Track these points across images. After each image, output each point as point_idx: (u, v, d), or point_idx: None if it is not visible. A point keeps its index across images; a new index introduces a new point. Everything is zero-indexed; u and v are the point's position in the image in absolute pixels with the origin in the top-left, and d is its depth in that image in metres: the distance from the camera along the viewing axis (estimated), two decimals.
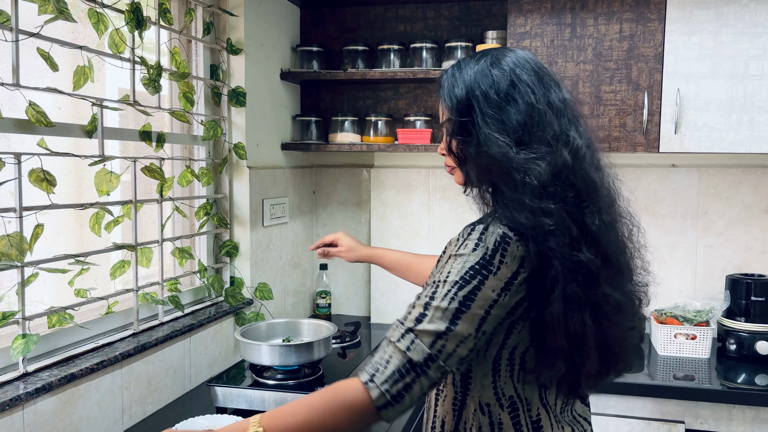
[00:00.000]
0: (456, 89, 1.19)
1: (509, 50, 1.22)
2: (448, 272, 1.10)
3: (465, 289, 1.08)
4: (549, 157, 1.10)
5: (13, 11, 1.40)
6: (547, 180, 1.09)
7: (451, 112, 1.21)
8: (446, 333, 1.07)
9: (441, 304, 1.08)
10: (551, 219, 1.07)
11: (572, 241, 1.09)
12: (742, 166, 2.51)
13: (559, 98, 1.17)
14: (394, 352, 1.08)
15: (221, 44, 2.23)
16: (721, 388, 2.04)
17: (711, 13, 2.16)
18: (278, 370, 1.82)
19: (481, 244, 1.10)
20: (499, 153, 1.12)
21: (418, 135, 2.51)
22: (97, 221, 1.65)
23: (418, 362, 1.06)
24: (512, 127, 1.13)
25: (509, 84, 1.15)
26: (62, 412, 1.50)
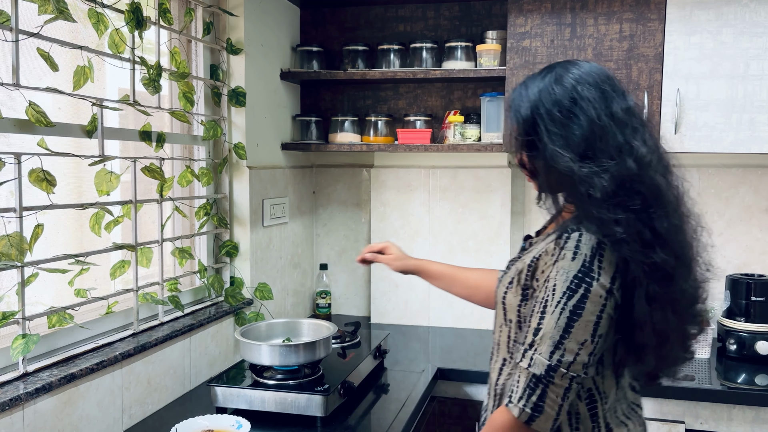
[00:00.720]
0: (522, 108, 1.27)
1: (574, 64, 1.27)
2: (553, 285, 1.18)
3: (573, 299, 1.16)
4: (613, 169, 1.16)
5: (13, 11, 1.40)
6: (611, 192, 1.15)
7: (519, 130, 1.29)
8: (561, 342, 1.16)
9: (553, 317, 1.17)
10: (621, 227, 1.15)
11: (645, 245, 1.15)
12: (742, 166, 2.51)
13: (622, 108, 1.22)
14: (520, 372, 1.19)
15: (221, 44, 2.23)
16: (721, 388, 2.04)
17: (711, 13, 2.16)
18: (278, 370, 1.82)
19: (579, 252, 1.17)
20: (564, 167, 1.19)
21: (418, 135, 2.51)
22: (97, 221, 1.65)
23: (541, 375, 1.16)
24: (576, 142, 1.19)
25: (571, 101, 1.21)
26: (62, 412, 1.50)
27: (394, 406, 1.88)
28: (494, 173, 2.66)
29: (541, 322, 1.18)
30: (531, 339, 1.19)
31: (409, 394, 1.97)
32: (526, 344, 1.20)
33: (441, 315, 2.77)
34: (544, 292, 1.20)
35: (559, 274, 1.17)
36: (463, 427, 2.21)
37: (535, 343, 1.18)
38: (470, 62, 2.49)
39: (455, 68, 2.45)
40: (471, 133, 2.49)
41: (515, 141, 1.32)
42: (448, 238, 2.73)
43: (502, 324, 1.36)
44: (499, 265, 2.65)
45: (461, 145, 2.46)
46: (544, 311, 1.18)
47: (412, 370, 2.20)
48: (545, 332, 1.17)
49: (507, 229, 2.67)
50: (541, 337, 1.17)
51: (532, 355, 1.17)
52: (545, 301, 1.19)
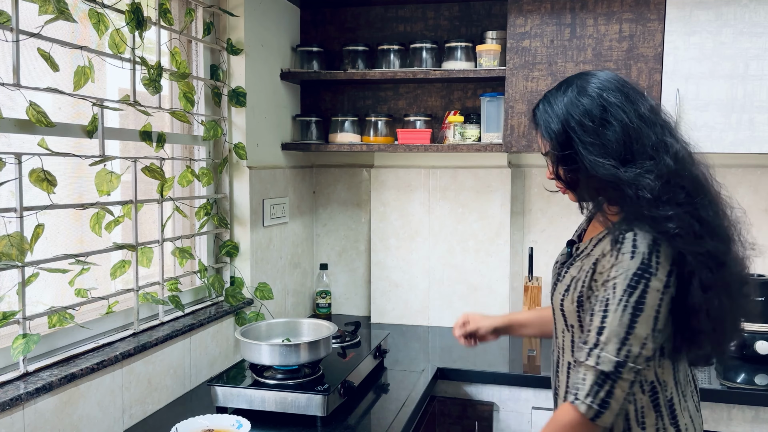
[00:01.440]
0: (552, 124, 1.30)
1: (591, 74, 1.31)
2: (613, 285, 1.22)
3: (634, 295, 1.20)
4: (655, 169, 1.21)
5: (13, 11, 1.40)
6: (659, 190, 1.20)
7: (553, 146, 1.31)
8: (627, 338, 1.20)
9: (616, 315, 1.21)
10: (674, 223, 1.20)
11: (696, 236, 1.21)
12: (742, 166, 2.51)
13: (647, 108, 1.27)
14: (586, 370, 1.23)
15: (221, 44, 2.23)
16: (721, 388, 2.04)
17: (711, 13, 2.16)
18: (278, 369, 1.82)
19: (637, 251, 1.21)
20: (608, 174, 1.23)
21: (418, 135, 2.51)
22: (98, 221, 1.65)
23: (610, 372, 1.20)
24: (613, 148, 1.23)
25: (600, 109, 1.25)
26: (62, 412, 1.50)
27: (394, 406, 1.88)
28: (494, 173, 2.67)
29: (605, 320, 1.22)
30: (595, 338, 1.22)
31: (409, 394, 1.98)
32: (590, 343, 1.23)
33: (441, 315, 2.77)
34: (604, 292, 1.23)
35: (618, 273, 1.21)
36: (463, 427, 2.21)
37: (600, 342, 1.21)
38: (470, 62, 2.49)
39: (455, 68, 2.45)
40: (471, 133, 2.50)
41: (550, 157, 1.33)
42: (448, 238, 2.73)
43: (564, 330, 1.38)
44: (499, 265, 2.67)
45: (461, 145, 2.46)
46: (606, 310, 1.22)
47: (412, 370, 2.20)
48: (610, 330, 1.21)
49: (507, 229, 2.67)
50: (607, 335, 1.21)
51: (599, 353, 1.21)
52: (606, 300, 1.22)
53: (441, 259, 2.75)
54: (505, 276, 2.70)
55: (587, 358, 1.23)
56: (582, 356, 1.24)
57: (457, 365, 2.26)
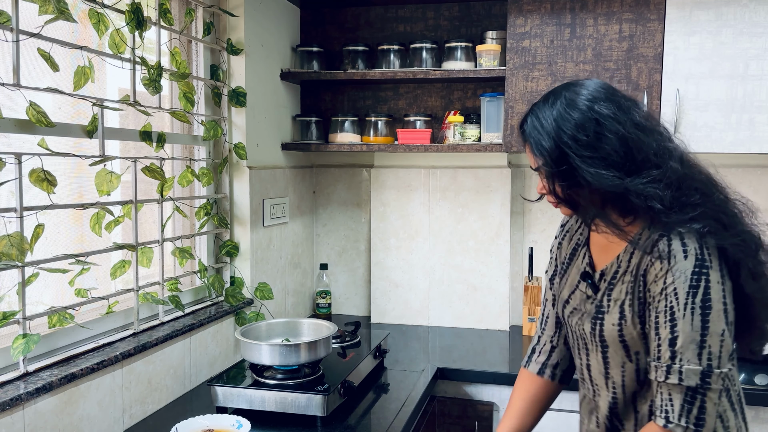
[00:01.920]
0: (543, 142, 1.22)
1: (579, 85, 1.24)
2: (674, 290, 1.16)
3: (698, 294, 1.14)
4: (663, 177, 1.16)
5: (13, 11, 1.40)
6: (670, 199, 1.16)
7: (547, 164, 1.23)
8: (704, 340, 1.13)
9: (686, 321, 1.14)
10: (698, 223, 1.16)
11: (727, 228, 1.18)
12: (742, 166, 2.51)
13: (642, 116, 1.22)
14: (670, 389, 1.16)
15: (221, 44, 2.23)
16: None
17: (711, 13, 2.16)
18: (278, 369, 1.82)
19: (688, 249, 1.16)
20: (614, 186, 1.17)
21: (418, 135, 2.51)
22: (98, 221, 1.65)
23: (698, 385, 1.13)
24: (615, 160, 1.17)
25: (594, 122, 1.18)
26: (63, 412, 1.50)
27: (394, 406, 1.88)
28: (494, 173, 2.67)
29: (675, 329, 1.15)
30: (669, 351, 1.15)
31: (409, 394, 1.98)
32: (665, 358, 1.16)
33: (441, 315, 2.77)
34: (665, 301, 1.17)
35: (676, 277, 1.15)
36: (463, 427, 2.21)
37: (677, 353, 1.14)
38: (470, 62, 2.49)
39: (455, 68, 2.46)
40: (471, 133, 2.50)
41: (545, 174, 1.26)
42: (448, 238, 2.73)
43: (625, 362, 1.28)
44: (499, 265, 2.67)
45: (461, 145, 2.46)
46: (674, 318, 1.15)
47: (412, 370, 2.20)
48: (684, 337, 1.14)
49: (507, 229, 2.67)
50: (682, 343, 1.14)
51: (679, 367, 1.14)
52: (671, 308, 1.16)
53: (441, 259, 2.75)
54: (505, 276, 2.70)
55: (667, 376, 1.15)
56: (660, 375, 1.16)
57: (457, 365, 2.26)
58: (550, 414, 2.17)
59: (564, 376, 1.52)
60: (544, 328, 1.54)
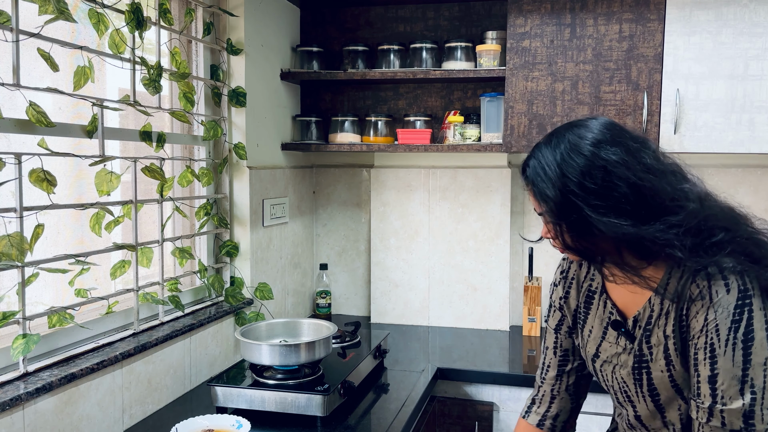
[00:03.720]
0: (548, 191, 1.15)
1: (582, 126, 1.17)
2: (716, 326, 1.09)
3: (741, 329, 1.08)
4: (682, 222, 1.09)
5: (13, 11, 1.40)
6: (691, 245, 1.09)
7: (553, 213, 1.16)
8: (746, 375, 1.07)
9: (726, 357, 1.08)
10: (730, 263, 1.09)
11: (758, 261, 1.11)
12: (742, 166, 2.51)
13: (652, 158, 1.14)
14: (713, 430, 1.09)
15: (221, 44, 2.23)
16: None
17: (711, 13, 2.16)
18: (278, 369, 1.82)
19: (730, 282, 1.09)
20: (627, 233, 1.09)
21: (418, 135, 2.51)
22: (98, 221, 1.65)
23: (741, 428, 1.07)
24: (627, 209, 1.10)
25: (601, 170, 1.11)
26: (62, 412, 1.50)
27: (394, 406, 1.88)
28: (494, 173, 2.67)
29: (715, 367, 1.09)
30: (710, 389, 1.09)
31: (409, 394, 1.98)
32: (706, 397, 1.10)
33: (441, 315, 2.77)
34: (705, 337, 1.10)
35: (718, 314, 1.09)
36: (463, 427, 2.21)
37: (717, 392, 1.09)
38: (470, 62, 2.49)
39: (455, 68, 2.46)
40: (471, 133, 2.50)
41: (547, 217, 1.19)
42: (448, 238, 2.73)
43: (681, 405, 1.22)
44: (499, 265, 2.67)
45: (461, 145, 2.46)
46: (714, 355, 1.09)
47: (412, 370, 2.20)
48: (724, 373, 1.08)
49: (507, 229, 2.67)
50: (722, 380, 1.08)
51: (721, 409, 1.08)
52: (711, 344, 1.10)
53: (441, 259, 2.75)
54: (505, 276, 2.70)
55: (709, 418, 1.10)
56: (702, 417, 1.11)
57: (457, 365, 2.26)
58: None
59: (564, 427, 1.45)
60: (544, 378, 1.46)
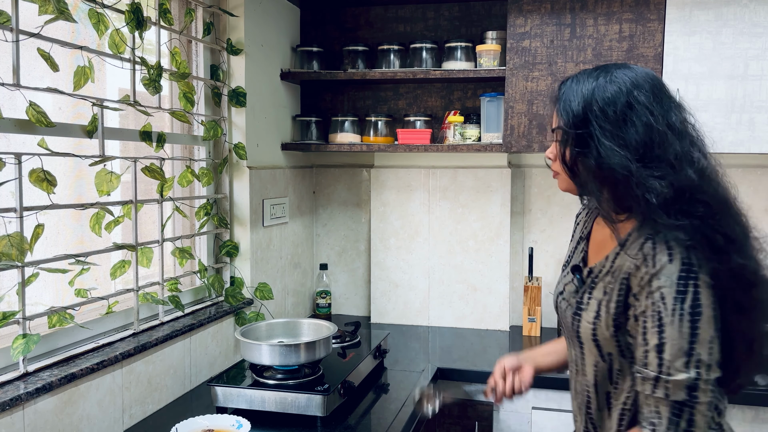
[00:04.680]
0: (573, 103, 1.20)
1: (628, 67, 1.22)
2: (661, 295, 1.12)
3: (687, 300, 1.10)
4: (671, 177, 1.12)
5: (13, 11, 1.40)
6: (670, 199, 1.12)
7: (567, 124, 1.21)
8: (693, 348, 1.09)
9: (674, 327, 1.10)
10: (685, 234, 1.12)
11: (718, 251, 1.12)
12: (742, 166, 2.51)
13: (680, 120, 1.18)
14: (658, 401, 1.12)
15: (221, 44, 2.23)
16: None
17: (711, 13, 2.16)
18: (278, 369, 1.82)
19: (674, 252, 1.12)
20: (620, 165, 1.14)
21: (418, 135, 2.51)
22: (98, 221, 1.65)
23: (685, 400, 1.10)
24: (633, 145, 1.14)
25: (626, 105, 1.16)
26: (62, 412, 1.50)
27: (394, 406, 1.88)
28: (494, 173, 2.67)
29: (663, 336, 1.11)
30: (657, 359, 1.11)
31: (409, 394, 1.98)
32: (653, 367, 1.12)
33: (441, 315, 2.77)
34: (652, 306, 1.13)
35: (662, 281, 1.12)
36: (463, 427, 2.21)
37: (664, 362, 1.11)
38: (470, 62, 2.49)
39: (455, 68, 2.46)
40: (471, 133, 2.50)
41: (560, 134, 1.24)
42: (448, 238, 2.73)
43: (598, 361, 1.27)
44: (499, 265, 2.67)
45: (461, 145, 2.46)
46: (661, 324, 1.11)
47: (412, 370, 2.20)
48: (672, 344, 1.10)
49: (507, 229, 2.67)
50: (670, 351, 1.10)
51: (666, 380, 1.11)
52: (658, 313, 1.12)
53: (441, 259, 2.75)
54: (505, 276, 2.70)
55: (654, 389, 1.12)
56: (647, 388, 1.13)
57: (457, 365, 2.26)
58: (549, 414, 2.17)
59: None
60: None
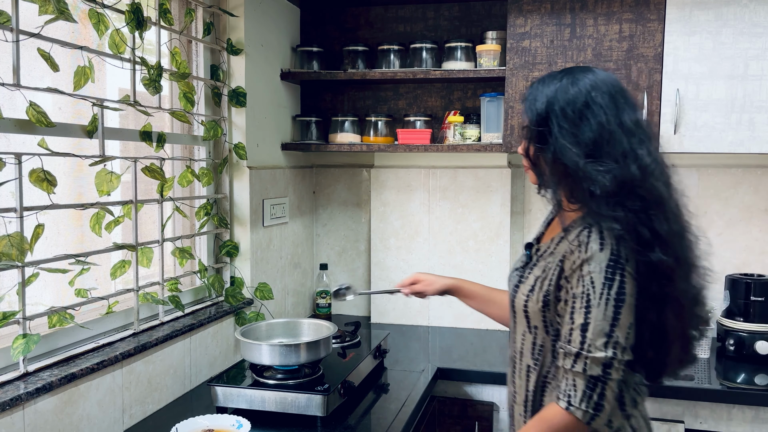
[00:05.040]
0: (537, 102, 1.34)
1: (592, 71, 1.34)
2: (591, 279, 1.24)
3: (614, 287, 1.22)
4: (616, 171, 1.24)
5: (13, 11, 1.40)
6: (611, 191, 1.23)
7: (531, 122, 1.35)
8: (613, 331, 1.22)
9: (600, 310, 1.22)
10: (619, 224, 1.23)
11: (644, 244, 1.23)
12: (742, 166, 2.51)
13: (632, 119, 1.30)
14: (575, 376, 1.25)
15: (221, 44, 2.23)
16: (721, 387, 2.04)
17: (711, 13, 2.16)
18: (278, 369, 1.82)
19: (605, 242, 1.24)
20: (570, 161, 1.26)
21: (418, 135, 2.51)
22: (98, 221, 1.65)
23: (599, 375, 1.22)
24: (584, 141, 1.27)
25: (584, 104, 1.29)
26: (62, 412, 1.50)
27: (394, 406, 1.88)
28: (494, 173, 2.67)
29: (588, 316, 1.23)
30: (580, 336, 1.23)
31: (409, 394, 1.98)
32: (575, 343, 1.24)
33: (441, 315, 2.77)
34: (582, 288, 1.24)
35: (592, 267, 1.23)
36: (463, 427, 2.21)
37: (587, 340, 1.23)
38: (470, 62, 2.49)
39: (455, 68, 2.45)
40: (471, 133, 2.50)
41: (526, 130, 1.38)
42: (448, 238, 2.73)
43: (525, 332, 1.39)
44: (499, 265, 2.67)
45: (461, 145, 2.46)
46: (588, 305, 1.23)
47: (412, 370, 2.20)
48: (595, 325, 1.22)
49: (507, 229, 2.67)
50: (593, 331, 1.22)
51: (586, 356, 1.22)
52: (587, 296, 1.23)
53: (441, 259, 2.75)
54: (505, 276, 2.69)
55: (574, 364, 1.24)
56: (568, 363, 1.25)
57: (457, 365, 2.26)
58: None
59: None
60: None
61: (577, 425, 1.24)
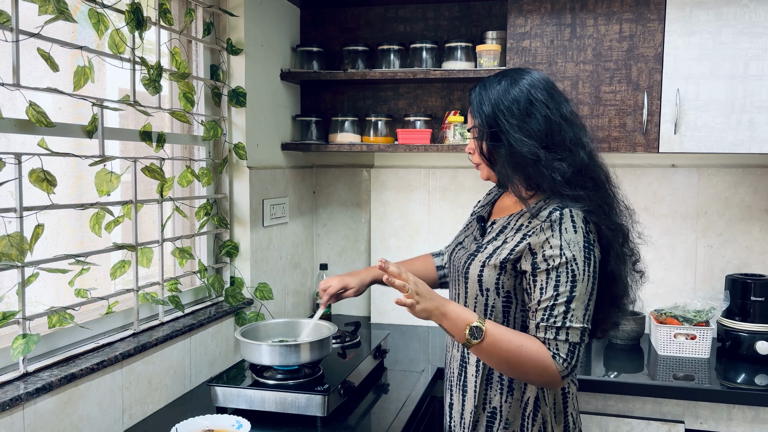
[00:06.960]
0: (483, 106, 1.46)
1: (525, 72, 1.48)
2: (573, 256, 1.36)
3: (591, 265, 1.37)
4: (570, 159, 1.40)
5: (13, 11, 1.40)
6: (570, 176, 1.39)
7: (482, 124, 1.47)
8: (588, 305, 1.38)
9: (583, 285, 1.36)
10: (584, 202, 1.39)
11: (605, 214, 1.42)
12: (742, 166, 2.51)
13: (569, 111, 1.46)
14: (558, 344, 1.35)
15: (221, 44, 2.23)
16: (721, 388, 2.04)
17: (711, 13, 2.16)
18: (278, 370, 1.82)
19: (577, 225, 1.38)
20: (530, 152, 1.39)
21: (418, 135, 2.51)
22: (98, 221, 1.65)
23: (578, 342, 1.35)
24: (536, 134, 1.40)
25: (527, 102, 1.42)
26: (62, 412, 1.50)
27: (394, 406, 1.88)
28: None
29: (574, 289, 1.35)
30: (564, 309, 1.35)
31: (409, 394, 1.98)
32: (559, 316, 1.35)
33: None
34: (566, 265, 1.35)
35: (571, 246, 1.36)
36: None
37: (570, 313, 1.34)
38: (470, 62, 2.49)
39: (455, 68, 2.45)
40: None
41: (476, 131, 1.50)
42: (447, 238, 2.73)
43: (477, 295, 1.50)
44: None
45: (461, 145, 2.46)
46: (574, 280, 1.35)
47: (412, 370, 2.20)
48: (579, 299, 1.35)
49: None
50: (576, 304, 1.35)
51: (569, 326, 1.34)
52: (572, 271, 1.35)
53: None
54: None
55: (557, 334, 1.35)
56: (550, 334, 1.35)
57: None
58: None
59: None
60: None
61: (555, 372, 1.34)
